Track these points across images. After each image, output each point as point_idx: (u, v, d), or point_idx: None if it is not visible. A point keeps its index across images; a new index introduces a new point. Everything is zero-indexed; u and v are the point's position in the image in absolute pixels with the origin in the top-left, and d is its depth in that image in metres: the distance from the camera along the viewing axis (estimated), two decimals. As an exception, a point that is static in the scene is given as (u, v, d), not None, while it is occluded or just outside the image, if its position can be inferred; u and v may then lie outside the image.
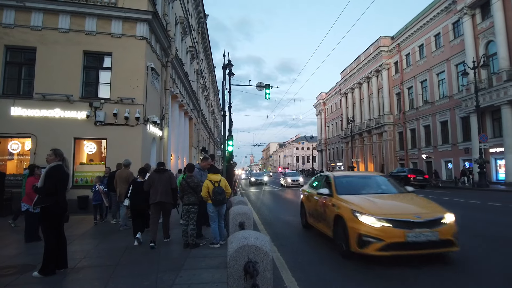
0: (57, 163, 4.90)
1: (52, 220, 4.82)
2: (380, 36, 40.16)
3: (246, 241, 2.71)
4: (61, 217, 4.96)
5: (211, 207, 6.22)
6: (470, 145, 25.72)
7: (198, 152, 27.68)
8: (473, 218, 9.59)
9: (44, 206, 4.74)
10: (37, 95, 11.26)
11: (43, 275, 4.60)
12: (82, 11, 11.74)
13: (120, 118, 11.73)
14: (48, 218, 4.81)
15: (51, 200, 4.73)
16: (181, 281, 4.41)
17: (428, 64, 32.15)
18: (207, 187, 6.18)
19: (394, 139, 38.86)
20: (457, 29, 28.50)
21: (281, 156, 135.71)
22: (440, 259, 5.25)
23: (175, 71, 17.60)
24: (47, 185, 4.72)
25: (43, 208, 4.76)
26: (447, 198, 15.41)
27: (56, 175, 4.80)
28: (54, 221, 4.84)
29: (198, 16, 28.32)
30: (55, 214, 4.82)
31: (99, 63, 12.36)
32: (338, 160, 57.98)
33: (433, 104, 31.48)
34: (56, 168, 4.85)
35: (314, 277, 4.75)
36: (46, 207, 4.74)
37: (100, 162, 12.27)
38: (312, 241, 7.15)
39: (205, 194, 6.19)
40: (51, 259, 4.70)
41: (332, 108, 63.21)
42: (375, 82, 42.51)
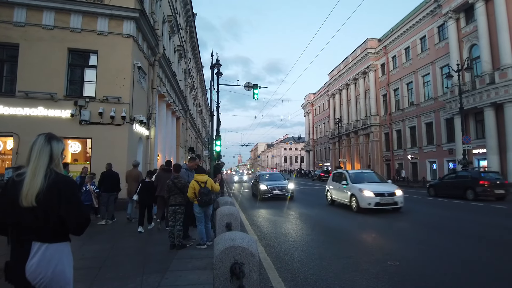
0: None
1: None
2: (367, 38, 40.63)
3: (232, 242, 2.68)
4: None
5: (197, 208, 6.17)
6: (454, 146, 26.23)
7: (185, 152, 27.47)
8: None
9: None
10: (20, 93, 10.98)
11: None
12: (67, 7, 11.51)
13: (106, 117, 11.54)
14: None
15: None
16: (167, 283, 4.35)
17: (414, 67, 32.67)
18: (193, 188, 6.12)
19: (380, 140, 39.35)
20: (442, 33, 29.03)
21: (269, 156, 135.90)
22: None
23: (163, 70, 17.43)
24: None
25: None
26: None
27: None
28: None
29: (186, 15, 28.11)
30: None
31: (84, 61, 12.14)
32: (325, 161, 58.38)
33: (419, 106, 32.00)
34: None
35: (301, 278, 4.75)
36: None
37: (85, 162, 12.04)
38: (299, 241, 7.17)
39: (191, 194, 6.14)
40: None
41: (319, 108, 63.61)
42: (362, 83, 42.97)
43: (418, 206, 13.08)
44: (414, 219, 9.93)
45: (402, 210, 11.41)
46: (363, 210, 11.11)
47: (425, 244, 6.58)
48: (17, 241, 2.00)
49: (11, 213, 1.99)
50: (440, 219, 9.83)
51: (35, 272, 1.93)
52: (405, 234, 7.91)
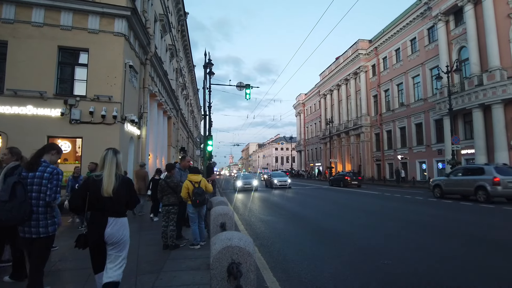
0: (15, 164, 4.05)
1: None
2: (359, 39, 40.99)
3: (229, 242, 2.66)
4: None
5: (191, 208, 6.15)
6: (443, 146, 26.61)
7: (177, 152, 27.31)
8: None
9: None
10: (8, 91, 10.76)
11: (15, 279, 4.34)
12: (57, 4, 11.31)
13: (97, 116, 11.39)
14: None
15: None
16: (161, 284, 4.31)
17: (404, 68, 33.06)
18: (187, 188, 6.09)
19: (371, 140, 39.72)
20: (432, 35, 29.44)
21: (260, 157, 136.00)
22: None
23: (154, 69, 17.30)
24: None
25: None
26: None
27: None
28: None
29: (178, 14, 27.96)
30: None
31: (75, 59, 11.96)
32: (316, 161, 58.65)
33: (409, 107, 32.39)
34: (14, 169, 4.41)
35: (295, 277, 4.76)
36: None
37: (74, 162, 11.88)
38: (292, 241, 7.18)
39: (185, 194, 6.10)
40: (21, 263, 4.32)
41: (311, 109, 63.87)
42: (353, 84, 43.30)
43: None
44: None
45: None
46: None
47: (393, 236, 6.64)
48: (97, 217, 3.21)
49: (95, 200, 3.18)
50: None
51: (111, 235, 3.18)
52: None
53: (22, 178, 3.44)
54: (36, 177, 3.49)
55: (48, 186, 3.51)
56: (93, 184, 3.20)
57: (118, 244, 3.24)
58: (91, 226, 3.21)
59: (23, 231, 3.44)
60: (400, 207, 13.02)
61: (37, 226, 3.42)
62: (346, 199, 16.72)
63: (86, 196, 3.19)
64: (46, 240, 3.50)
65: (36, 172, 3.51)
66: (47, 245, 3.56)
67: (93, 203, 3.19)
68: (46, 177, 3.52)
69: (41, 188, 3.49)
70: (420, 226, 8.66)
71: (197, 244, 6.16)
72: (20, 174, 3.45)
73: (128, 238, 3.35)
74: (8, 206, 3.25)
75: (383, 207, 13.11)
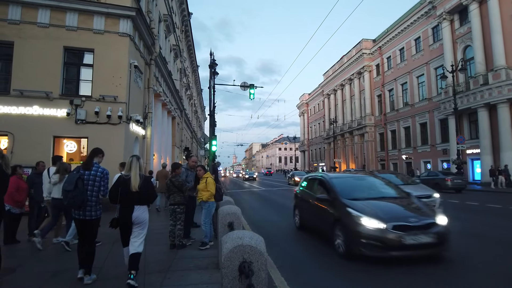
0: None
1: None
2: (363, 38, 40.88)
3: (241, 241, 2.65)
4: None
5: (213, 205, 6.43)
6: (448, 146, 26.48)
7: (181, 152, 27.36)
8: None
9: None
10: (15, 92, 10.82)
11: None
12: (62, 5, 11.36)
13: (102, 117, 11.42)
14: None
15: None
16: (169, 283, 4.31)
17: (409, 67, 32.93)
18: (214, 184, 6.38)
19: (375, 140, 39.59)
20: (436, 34, 29.30)
21: (264, 157, 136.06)
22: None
23: (159, 69, 17.34)
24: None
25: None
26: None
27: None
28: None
29: (182, 14, 28.01)
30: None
31: (80, 59, 12.01)
32: (320, 161, 58.58)
33: (413, 106, 32.25)
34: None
35: (304, 276, 4.75)
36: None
37: (80, 162, 11.92)
38: (300, 240, 7.17)
39: (214, 191, 6.37)
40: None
41: (314, 109, 63.79)
42: (357, 84, 43.19)
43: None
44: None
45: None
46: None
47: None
48: (127, 206, 4.32)
49: (125, 193, 4.29)
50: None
51: (137, 217, 4.32)
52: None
53: (81, 175, 4.38)
54: (91, 175, 4.48)
55: (101, 183, 4.52)
56: (124, 182, 4.33)
57: (141, 224, 4.37)
58: (123, 211, 4.33)
59: (78, 214, 4.39)
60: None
61: (90, 211, 4.41)
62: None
63: (119, 190, 4.30)
64: (96, 221, 4.54)
65: (91, 171, 4.49)
66: (96, 224, 4.60)
67: (124, 195, 4.30)
68: (99, 176, 4.53)
69: (95, 183, 4.47)
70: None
71: (207, 244, 6.13)
72: (79, 171, 4.42)
73: (147, 220, 4.48)
74: (71, 194, 4.22)
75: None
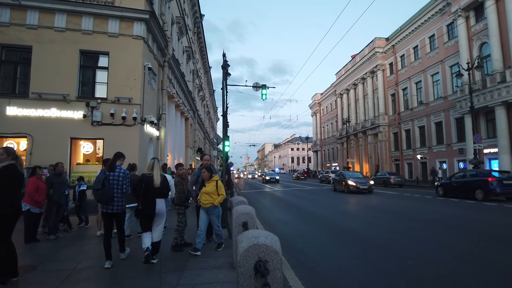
0: (9, 163, 4.46)
1: (7, 223, 4.42)
2: (375, 37, 40.41)
3: (256, 240, 2.67)
4: (14, 221, 4.55)
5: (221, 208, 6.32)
6: (464, 145, 25.95)
7: (194, 153, 27.57)
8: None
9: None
10: (33, 95, 11.13)
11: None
12: (78, 10, 11.62)
13: (117, 118, 11.64)
14: (4, 222, 4.37)
15: (3, 202, 4.32)
16: (185, 281, 4.37)
17: (423, 66, 32.40)
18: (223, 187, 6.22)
19: (389, 139, 39.08)
20: (451, 31, 28.75)
21: (276, 157, 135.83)
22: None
23: (172, 71, 17.52)
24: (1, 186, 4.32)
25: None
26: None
27: (8, 175, 4.39)
28: (6, 225, 4.42)
29: (194, 16, 28.23)
30: (7, 218, 4.41)
31: (96, 62, 12.24)
32: (333, 161, 58.15)
33: (428, 105, 31.71)
34: (8, 168, 4.43)
35: (318, 276, 4.74)
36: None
37: (95, 163, 12.16)
38: (312, 240, 7.15)
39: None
40: (3, 267, 4.36)
41: (327, 108, 63.36)
42: (370, 83, 42.72)
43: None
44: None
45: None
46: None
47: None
48: (150, 199, 5.24)
49: (148, 189, 5.23)
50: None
51: (159, 209, 5.31)
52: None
53: (107, 176, 5.21)
54: (115, 176, 5.32)
55: (124, 182, 5.36)
56: (147, 179, 5.31)
57: (161, 214, 5.42)
58: (145, 204, 5.24)
59: (106, 208, 5.24)
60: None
61: (117, 205, 5.28)
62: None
63: (142, 186, 5.26)
64: (122, 213, 5.51)
65: (115, 172, 5.32)
66: (123, 216, 5.62)
67: (146, 191, 5.24)
68: (121, 176, 5.38)
69: (118, 183, 5.31)
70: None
71: (221, 246, 6.11)
72: (105, 173, 5.24)
73: (165, 210, 5.66)
74: (99, 192, 5.09)
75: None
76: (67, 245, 6.66)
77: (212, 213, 5.91)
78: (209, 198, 5.87)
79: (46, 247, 6.46)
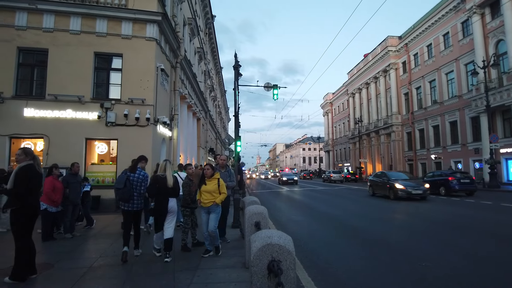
0: (28, 163, 4.56)
1: (24, 223, 4.51)
2: (388, 35, 39.92)
3: (269, 240, 2.69)
4: (33, 220, 4.64)
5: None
6: (480, 145, 25.42)
7: (206, 153, 27.74)
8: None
9: (15, 208, 4.46)
10: (49, 96, 11.39)
11: (18, 280, 4.38)
12: (92, 12, 11.86)
13: (131, 119, 11.82)
14: (19, 221, 4.48)
15: (23, 202, 4.42)
16: (198, 280, 4.42)
17: (437, 64, 31.87)
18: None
19: (402, 139, 38.55)
20: (466, 29, 28.20)
21: (287, 157, 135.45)
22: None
23: (184, 72, 17.67)
24: (18, 186, 4.42)
25: (14, 211, 4.48)
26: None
27: (26, 175, 4.48)
28: (26, 224, 4.54)
29: (206, 17, 28.41)
30: (27, 217, 4.51)
31: (109, 64, 12.46)
32: (345, 161, 57.70)
33: (442, 104, 31.18)
34: (26, 167, 4.52)
35: (331, 276, 4.73)
36: (17, 210, 4.45)
37: (110, 163, 12.36)
38: (325, 240, 7.12)
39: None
40: (23, 264, 4.45)
41: (339, 108, 62.90)
42: (382, 82, 42.24)
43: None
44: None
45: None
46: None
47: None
48: (163, 199, 5.59)
49: (162, 189, 5.54)
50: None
51: (171, 207, 5.64)
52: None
53: (128, 176, 5.65)
54: (136, 177, 5.73)
55: (142, 183, 5.75)
56: (161, 180, 5.59)
57: (174, 212, 5.72)
58: (159, 203, 5.59)
59: (127, 206, 5.62)
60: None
61: (137, 203, 5.71)
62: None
63: (155, 187, 5.57)
64: (140, 211, 5.90)
65: (135, 174, 5.74)
66: (140, 214, 6.00)
67: (160, 191, 5.55)
68: (141, 178, 5.79)
69: (138, 183, 5.71)
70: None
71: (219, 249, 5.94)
72: (126, 173, 5.68)
73: (177, 209, 5.94)
74: (121, 191, 5.52)
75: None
76: (83, 244, 6.80)
77: (214, 211, 5.69)
78: (210, 196, 5.69)
79: (63, 246, 6.59)
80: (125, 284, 4.36)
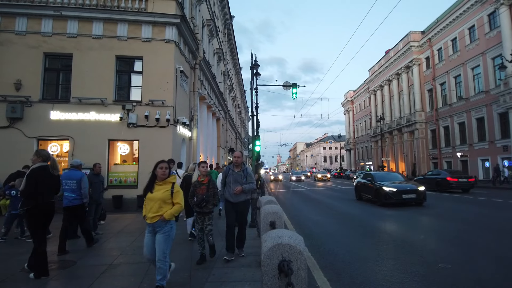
0: (40, 164, 4.73)
1: (36, 222, 4.68)
2: (410, 31, 38.92)
3: (280, 240, 2.69)
4: (44, 220, 4.79)
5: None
6: (509, 142, 24.42)
7: (225, 152, 27.95)
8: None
9: (27, 208, 4.63)
10: (74, 99, 11.80)
11: (42, 275, 4.58)
12: (114, 17, 12.19)
13: (151, 120, 12.08)
14: (32, 221, 4.71)
15: (33, 202, 4.59)
16: (214, 279, 4.49)
17: (462, 59, 30.81)
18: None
19: (426, 137, 37.50)
20: (493, 21, 27.10)
21: (308, 156, 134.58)
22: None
23: (203, 73, 17.87)
24: (27, 187, 4.60)
25: (27, 211, 4.67)
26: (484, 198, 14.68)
27: (35, 176, 4.63)
28: (38, 224, 4.70)
29: (224, 18, 28.60)
30: (38, 217, 4.68)
31: (130, 67, 12.77)
32: (367, 160, 56.71)
33: (468, 100, 30.12)
34: (37, 169, 4.69)
35: (347, 278, 4.69)
36: (29, 210, 4.63)
37: (132, 163, 12.67)
38: (343, 241, 7.06)
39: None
40: (44, 260, 4.68)
41: (360, 106, 61.90)
42: (405, 78, 41.24)
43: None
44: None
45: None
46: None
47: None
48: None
49: (189, 185, 5.90)
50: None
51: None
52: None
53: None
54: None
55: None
56: (189, 178, 6.55)
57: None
58: (187, 196, 5.21)
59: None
60: None
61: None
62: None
63: (184, 185, 6.50)
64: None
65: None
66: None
67: (188, 187, 5.87)
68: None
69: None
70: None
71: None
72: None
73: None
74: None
75: None
76: (105, 242, 7.02)
77: (161, 231, 3.99)
78: (157, 208, 4.00)
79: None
80: (143, 281, 4.47)
